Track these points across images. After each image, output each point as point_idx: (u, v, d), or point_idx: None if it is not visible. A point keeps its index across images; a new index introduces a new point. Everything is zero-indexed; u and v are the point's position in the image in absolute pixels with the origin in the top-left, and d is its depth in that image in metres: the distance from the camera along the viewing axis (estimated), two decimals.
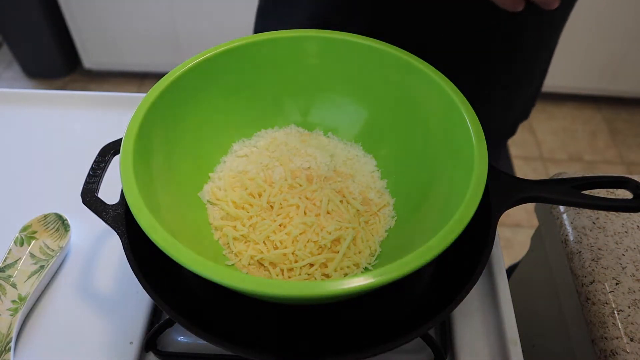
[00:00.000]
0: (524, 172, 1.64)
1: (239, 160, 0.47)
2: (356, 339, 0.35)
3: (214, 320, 0.36)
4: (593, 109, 1.87)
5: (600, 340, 0.40)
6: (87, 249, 0.48)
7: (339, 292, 0.27)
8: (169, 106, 0.40)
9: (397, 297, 0.41)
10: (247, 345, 0.33)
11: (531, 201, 0.40)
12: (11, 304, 0.42)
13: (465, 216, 0.31)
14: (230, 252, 0.41)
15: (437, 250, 0.29)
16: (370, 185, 0.46)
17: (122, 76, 1.92)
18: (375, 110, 0.47)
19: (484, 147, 0.35)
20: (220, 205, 0.43)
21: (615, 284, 0.43)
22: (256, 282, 0.27)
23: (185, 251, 0.29)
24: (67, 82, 1.92)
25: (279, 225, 0.41)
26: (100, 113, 0.62)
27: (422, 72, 0.41)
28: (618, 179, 0.40)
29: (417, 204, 0.42)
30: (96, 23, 1.70)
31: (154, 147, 0.38)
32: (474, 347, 0.42)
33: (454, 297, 0.35)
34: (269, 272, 0.40)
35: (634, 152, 1.73)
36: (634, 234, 0.46)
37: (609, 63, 1.70)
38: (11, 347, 0.40)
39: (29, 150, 0.58)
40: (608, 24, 1.59)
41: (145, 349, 0.41)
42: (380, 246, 0.42)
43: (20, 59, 1.87)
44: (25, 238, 0.47)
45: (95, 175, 0.40)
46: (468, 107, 0.38)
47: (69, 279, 0.46)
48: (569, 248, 0.47)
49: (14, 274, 0.44)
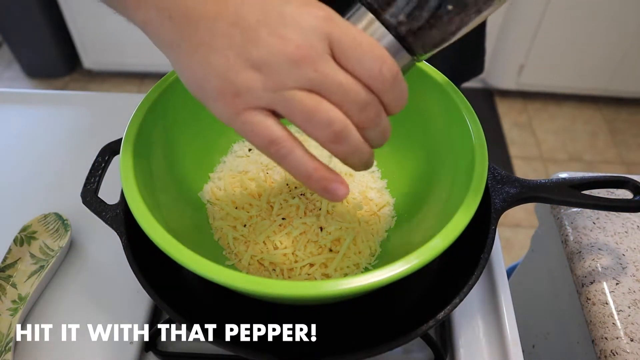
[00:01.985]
0: (524, 172, 1.64)
1: (239, 160, 0.47)
2: (356, 339, 0.35)
3: (214, 320, 0.36)
4: (593, 109, 1.87)
5: (600, 340, 0.40)
6: (87, 249, 0.48)
7: (339, 292, 0.27)
8: (169, 106, 0.40)
9: (397, 297, 0.41)
10: (247, 345, 0.33)
11: (531, 201, 0.40)
12: (11, 304, 0.42)
13: (465, 216, 0.31)
14: (230, 252, 0.41)
15: (437, 250, 0.29)
16: (370, 185, 0.45)
17: (122, 76, 1.92)
18: None
19: (484, 147, 0.35)
20: (220, 205, 0.43)
21: (615, 284, 0.43)
22: (256, 282, 0.27)
23: (185, 251, 0.29)
24: (67, 82, 1.92)
25: (279, 225, 0.41)
26: (100, 113, 0.62)
27: (422, 72, 0.41)
28: (618, 179, 0.40)
29: (417, 204, 0.42)
30: (96, 23, 1.70)
31: (154, 147, 0.38)
32: (474, 347, 0.42)
33: (454, 297, 0.35)
34: (269, 272, 0.40)
35: (634, 152, 1.73)
36: (634, 234, 0.46)
37: (609, 63, 1.70)
38: (11, 347, 0.40)
39: (29, 150, 0.58)
40: (608, 24, 1.59)
41: (145, 349, 0.41)
42: (380, 246, 0.42)
43: (20, 59, 1.87)
44: (25, 238, 0.47)
45: (95, 176, 0.40)
46: (468, 107, 0.38)
47: (69, 279, 0.46)
48: (569, 248, 0.47)
49: (14, 274, 0.44)
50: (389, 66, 0.25)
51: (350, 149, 0.26)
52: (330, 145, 0.26)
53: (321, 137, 0.26)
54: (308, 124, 0.25)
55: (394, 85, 0.26)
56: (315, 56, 0.24)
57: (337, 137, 0.26)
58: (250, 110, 0.25)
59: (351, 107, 0.25)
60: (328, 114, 0.25)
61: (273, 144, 0.26)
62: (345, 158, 0.27)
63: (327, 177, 0.27)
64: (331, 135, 0.25)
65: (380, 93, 0.26)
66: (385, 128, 0.28)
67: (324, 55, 0.25)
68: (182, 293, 0.39)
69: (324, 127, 0.25)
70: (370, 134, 0.27)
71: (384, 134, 0.28)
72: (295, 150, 0.26)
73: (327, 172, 0.27)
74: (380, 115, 0.27)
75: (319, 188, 0.27)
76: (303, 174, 0.26)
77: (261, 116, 0.25)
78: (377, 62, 0.25)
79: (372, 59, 0.25)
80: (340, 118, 0.25)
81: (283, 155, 0.26)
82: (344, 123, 0.25)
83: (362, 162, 0.28)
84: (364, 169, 0.29)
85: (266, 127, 0.25)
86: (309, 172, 0.26)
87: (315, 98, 0.25)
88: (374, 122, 0.26)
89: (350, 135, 0.26)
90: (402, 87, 0.27)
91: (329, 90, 0.25)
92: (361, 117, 0.26)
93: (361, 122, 0.26)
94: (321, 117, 0.25)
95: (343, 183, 0.27)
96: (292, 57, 0.24)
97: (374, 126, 0.27)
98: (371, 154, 0.28)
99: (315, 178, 0.26)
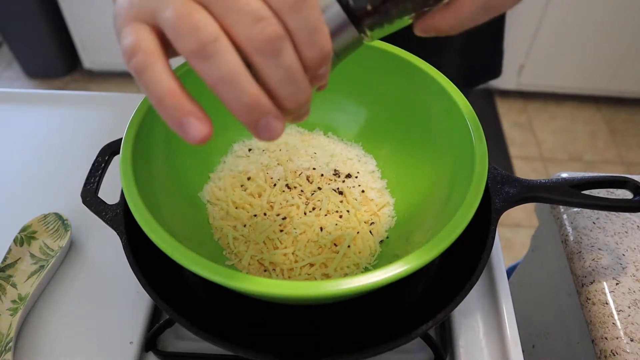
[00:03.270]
0: (524, 172, 1.64)
1: (239, 160, 0.47)
2: (356, 339, 0.35)
3: (214, 320, 0.36)
4: (593, 109, 1.87)
5: (600, 340, 0.40)
6: (87, 249, 0.48)
7: (339, 292, 0.27)
8: None
9: (397, 297, 0.41)
10: (247, 345, 0.33)
11: (531, 201, 0.40)
12: (11, 304, 0.42)
13: (465, 216, 0.31)
14: (230, 252, 0.41)
15: (437, 250, 0.29)
16: (370, 185, 0.46)
17: (122, 76, 1.92)
18: (376, 110, 0.47)
19: (484, 147, 0.35)
20: (220, 205, 0.43)
21: (615, 284, 0.43)
22: (256, 282, 0.27)
23: (185, 251, 0.29)
24: (67, 82, 1.92)
25: (279, 225, 0.41)
26: (100, 113, 0.62)
27: (422, 72, 0.41)
28: (618, 179, 0.40)
29: (417, 204, 0.42)
30: (96, 23, 1.70)
31: (154, 147, 0.38)
32: (474, 347, 0.42)
33: (454, 297, 0.35)
34: (269, 272, 0.40)
35: (634, 152, 1.73)
36: (634, 234, 0.46)
37: (609, 63, 1.70)
38: (11, 347, 0.40)
39: (29, 150, 0.58)
40: (608, 24, 1.59)
41: (145, 349, 0.41)
42: (380, 246, 0.42)
43: (20, 59, 1.87)
44: (25, 238, 0.47)
45: (95, 176, 0.40)
46: (468, 107, 0.38)
47: (69, 279, 0.46)
48: (569, 248, 0.47)
49: (14, 274, 0.44)
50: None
51: (222, 74, 0.20)
52: (194, 61, 0.21)
53: (185, 49, 0.21)
54: (174, 34, 0.21)
55: (301, 7, 0.20)
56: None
57: (202, 50, 0.20)
58: (133, 21, 0.22)
59: (236, 19, 0.20)
60: (197, 21, 0.20)
61: (133, 56, 0.21)
62: (215, 84, 0.21)
63: (182, 106, 0.21)
64: (195, 45, 0.20)
65: (282, 13, 0.21)
66: (290, 68, 0.21)
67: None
68: (182, 293, 0.39)
69: (189, 36, 0.20)
70: (266, 70, 0.21)
71: (291, 80, 0.21)
72: (153, 65, 0.21)
73: (184, 99, 0.21)
74: (281, 42, 0.20)
75: (169, 118, 0.21)
76: (154, 96, 0.21)
77: (139, 26, 0.22)
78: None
79: None
80: (211, 27, 0.20)
81: (140, 69, 0.21)
82: (214, 34, 0.20)
83: (243, 102, 0.21)
84: (250, 120, 0.22)
85: (135, 37, 0.22)
86: (161, 94, 0.21)
87: (192, 5, 0.21)
88: (268, 45, 0.20)
89: (221, 50, 0.20)
90: (314, 16, 0.21)
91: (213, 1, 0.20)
92: (250, 33, 0.20)
93: (250, 41, 0.20)
94: (188, 25, 0.20)
95: (200, 119, 0.21)
96: None
97: (268, 53, 0.20)
98: (259, 96, 0.21)
99: (168, 104, 0.21)
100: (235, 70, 0.20)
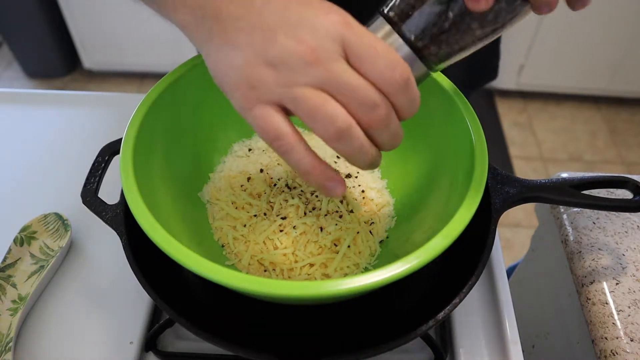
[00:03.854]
0: (524, 172, 1.64)
1: (239, 160, 0.47)
2: (356, 339, 0.35)
3: (214, 320, 0.36)
4: (593, 109, 1.87)
5: (600, 340, 0.40)
6: (87, 249, 0.48)
7: (339, 292, 0.27)
8: (169, 106, 0.40)
9: (397, 297, 0.41)
10: (247, 345, 0.33)
11: (531, 201, 0.40)
12: (11, 304, 0.42)
13: (465, 216, 0.31)
14: (230, 252, 0.41)
15: (437, 250, 0.29)
16: (370, 185, 0.46)
17: (122, 76, 1.92)
18: None
19: (484, 147, 0.35)
20: (220, 205, 0.43)
21: (615, 284, 0.43)
22: (256, 282, 0.27)
23: (185, 251, 0.29)
24: (67, 82, 1.92)
25: (279, 225, 0.41)
26: (100, 113, 0.62)
27: None
28: (618, 179, 0.40)
29: (417, 204, 0.42)
30: (96, 23, 1.70)
31: (154, 147, 0.38)
32: (474, 347, 0.42)
33: (454, 297, 0.35)
34: (269, 272, 0.40)
35: (634, 152, 1.73)
36: (634, 234, 0.46)
37: (609, 63, 1.70)
38: (11, 347, 0.40)
39: (29, 150, 0.58)
40: (608, 24, 1.59)
41: (145, 349, 0.41)
42: (380, 246, 0.42)
43: (20, 59, 1.87)
44: (25, 238, 0.47)
45: (95, 176, 0.40)
46: (468, 107, 0.38)
47: (69, 279, 0.46)
48: (569, 248, 0.47)
49: (14, 274, 0.44)
50: (401, 70, 0.26)
51: (354, 149, 0.27)
52: (333, 143, 0.27)
53: (324, 134, 0.26)
54: (312, 120, 0.26)
55: (406, 88, 0.27)
56: (327, 57, 0.26)
57: (340, 135, 0.26)
58: (261, 104, 0.27)
59: (359, 107, 0.26)
60: (332, 111, 0.26)
61: (277, 139, 0.27)
62: (349, 157, 0.28)
63: (324, 175, 0.28)
64: (333, 132, 0.26)
65: (391, 95, 0.27)
66: (395, 131, 0.28)
67: (336, 57, 0.26)
68: (182, 293, 0.39)
69: (327, 124, 0.26)
70: (379, 136, 0.28)
71: (395, 137, 0.28)
72: (297, 147, 0.27)
73: (325, 169, 0.28)
74: (390, 117, 0.27)
75: (316, 184, 0.28)
76: (302, 170, 0.28)
77: (271, 111, 0.27)
78: (389, 65, 0.26)
79: (385, 62, 0.26)
80: (344, 116, 0.26)
81: (286, 150, 0.27)
82: (347, 122, 0.26)
83: (367, 163, 0.28)
84: (369, 168, 0.30)
85: (273, 122, 0.27)
86: (308, 168, 0.28)
87: (323, 96, 0.26)
88: (383, 123, 0.27)
89: (354, 134, 0.27)
90: (414, 92, 0.28)
91: (337, 89, 0.26)
92: (370, 117, 0.26)
93: (370, 122, 0.27)
94: (325, 114, 0.26)
95: (339, 181, 0.29)
96: (305, 56, 0.25)
97: (383, 127, 0.27)
98: (376, 155, 0.29)
99: (314, 175, 0.28)
100: (363, 145, 0.27)
